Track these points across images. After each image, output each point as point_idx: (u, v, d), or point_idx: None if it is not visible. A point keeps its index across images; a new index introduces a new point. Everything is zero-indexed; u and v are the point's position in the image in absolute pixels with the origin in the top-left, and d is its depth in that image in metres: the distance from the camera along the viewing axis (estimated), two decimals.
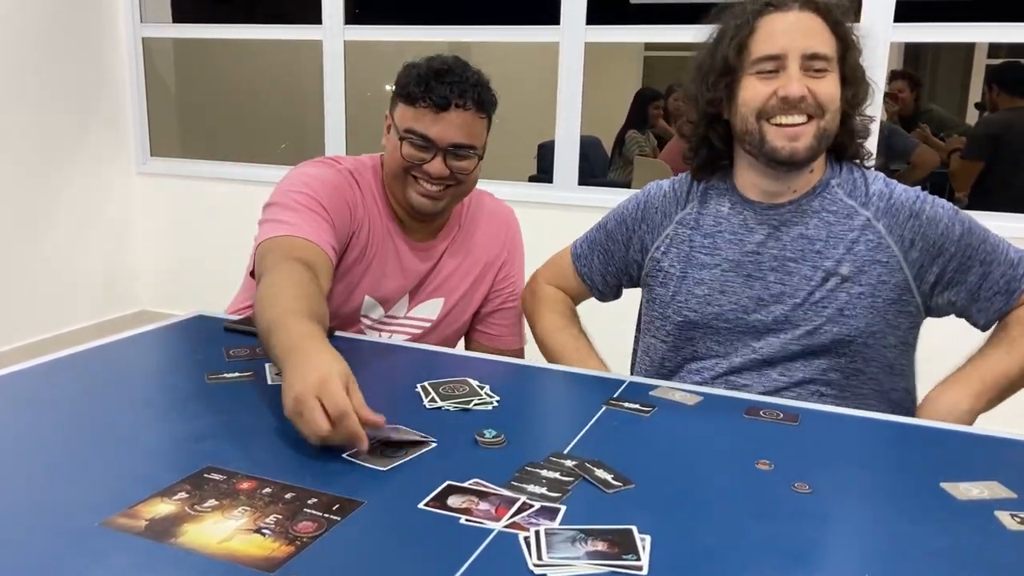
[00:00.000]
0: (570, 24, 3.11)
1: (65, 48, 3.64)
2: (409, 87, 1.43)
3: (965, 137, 4.21)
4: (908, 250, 1.28)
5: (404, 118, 1.45)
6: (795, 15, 1.27)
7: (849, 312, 1.28)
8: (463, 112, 1.43)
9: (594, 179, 3.76)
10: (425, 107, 1.42)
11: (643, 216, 1.46)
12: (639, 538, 0.79)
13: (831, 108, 1.27)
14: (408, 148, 1.44)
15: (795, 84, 1.24)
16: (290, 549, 0.76)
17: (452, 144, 1.43)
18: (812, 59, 1.25)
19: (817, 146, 1.28)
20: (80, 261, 3.79)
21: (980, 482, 0.93)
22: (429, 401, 1.13)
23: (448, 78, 1.42)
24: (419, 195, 1.46)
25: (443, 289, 1.59)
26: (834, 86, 1.27)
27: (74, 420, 1.06)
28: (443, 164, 1.43)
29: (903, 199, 1.30)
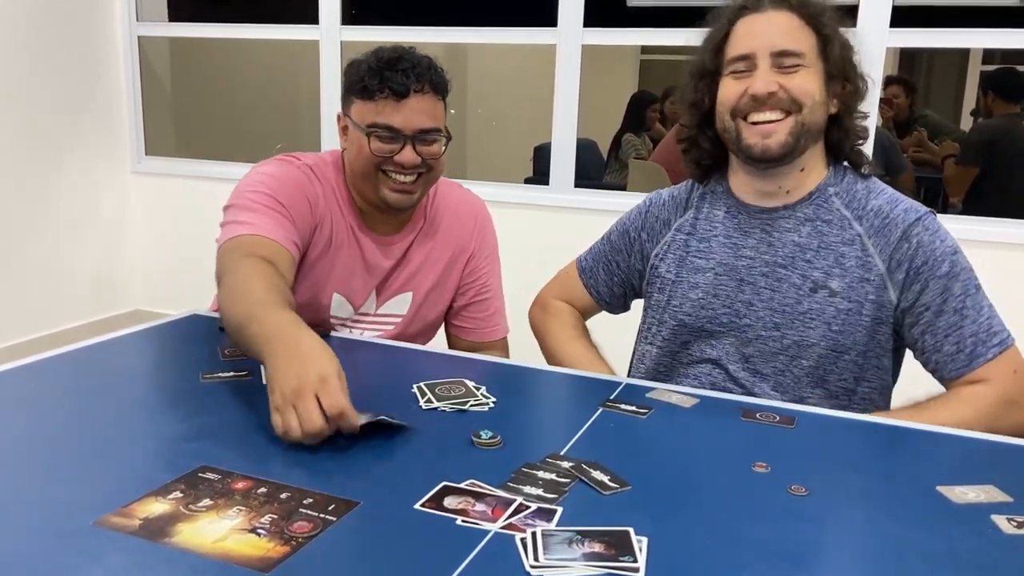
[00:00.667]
0: (567, 26, 3.11)
1: (61, 46, 3.63)
2: (364, 82, 1.42)
3: (959, 142, 4.23)
4: (894, 271, 1.26)
5: (364, 114, 1.43)
6: (767, 15, 1.29)
7: (836, 327, 1.27)
8: (423, 96, 1.42)
9: (590, 182, 3.76)
10: (384, 98, 1.41)
11: (644, 224, 1.47)
12: (636, 540, 0.79)
13: (807, 102, 1.26)
14: (376, 142, 1.42)
15: (760, 81, 1.26)
16: (285, 549, 0.76)
17: (419, 130, 1.42)
18: (781, 56, 1.26)
19: (794, 142, 1.27)
20: (74, 260, 3.78)
21: (976, 486, 0.93)
22: (425, 402, 1.13)
23: (401, 65, 1.41)
24: (393, 191, 1.45)
25: (411, 284, 1.58)
26: (809, 81, 1.26)
27: (67, 419, 1.06)
28: (413, 152, 1.42)
29: (900, 219, 1.27)
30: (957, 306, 1.24)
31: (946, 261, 1.25)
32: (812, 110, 1.27)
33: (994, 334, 1.24)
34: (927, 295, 1.25)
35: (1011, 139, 3.73)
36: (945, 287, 1.24)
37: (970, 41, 2.82)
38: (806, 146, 1.29)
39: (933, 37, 2.81)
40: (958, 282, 1.25)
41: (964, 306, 1.24)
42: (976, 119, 5.16)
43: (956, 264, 1.25)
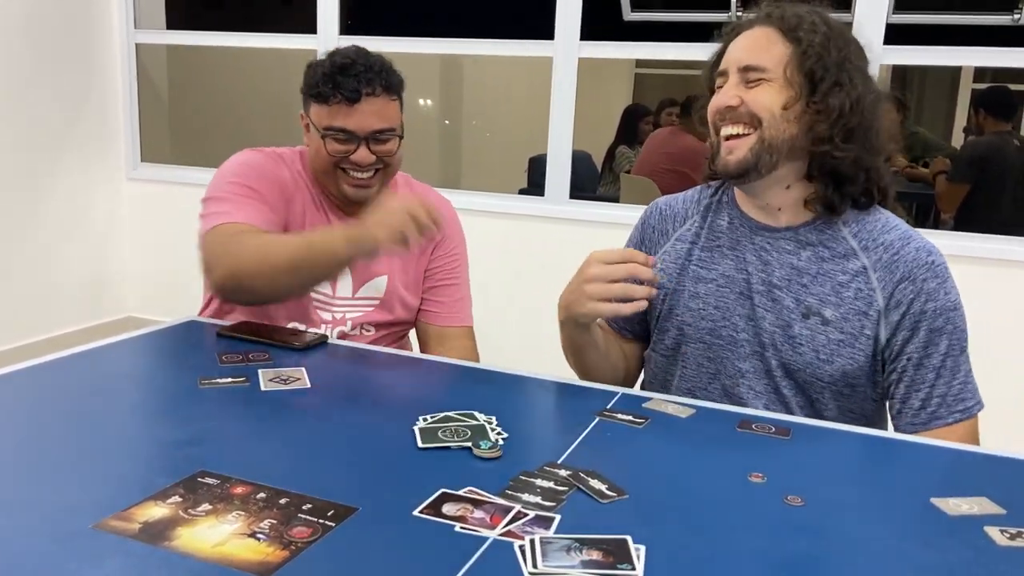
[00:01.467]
0: (564, 39, 3.13)
1: (58, 53, 3.63)
2: (319, 87, 1.49)
3: (950, 159, 4.26)
4: (891, 310, 1.24)
5: (320, 117, 1.51)
6: (749, 31, 1.28)
7: (825, 357, 1.26)
8: (375, 99, 1.50)
9: (584, 194, 3.78)
10: (338, 102, 1.48)
11: (643, 239, 1.46)
12: (634, 548, 0.79)
13: (765, 116, 1.23)
14: (332, 144, 1.50)
15: (722, 95, 1.26)
16: (284, 554, 0.76)
17: (372, 131, 1.50)
18: (746, 71, 1.25)
19: (753, 159, 1.24)
20: (67, 266, 3.77)
21: (970, 498, 0.94)
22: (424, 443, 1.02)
23: (353, 70, 1.48)
24: (352, 187, 1.54)
25: (385, 267, 1.62)
26: (768, 95, 1.23)
27: (66, 423, 1.06)
28: (368, 151, 1.50)
29: (908, 258, 1.24)
30: (936, 364, 1.23)
31: (942, 316, 1.23)
32: (773, 124, 1.23)
33: (960, 400, 1.23)
34: (912, 344, 1.24)
35: (1002, 156, 3.77)
36: (932, 341, 1.23)
37: (962, 59, 2.86)
38: (774, 163, 1.25)
39: (926, 55, 2.84)
40: (945, 339, 1.23)
41: (943, 366, 1.23)
42: (967, 136, 5.21)
43: (950, 321, 1.23)
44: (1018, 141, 3.84)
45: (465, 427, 1.07)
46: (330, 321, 1.59)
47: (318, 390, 1.20)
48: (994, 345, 2.46)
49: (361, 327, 1.62)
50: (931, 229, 3.60)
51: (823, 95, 1.22)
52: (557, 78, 3.17)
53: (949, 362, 1.23)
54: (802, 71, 1.23)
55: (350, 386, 1.28)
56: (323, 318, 1.59)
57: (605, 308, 1.23)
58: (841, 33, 1.26)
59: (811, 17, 1.26)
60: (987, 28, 3.14)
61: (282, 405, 1.14)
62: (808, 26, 1.24)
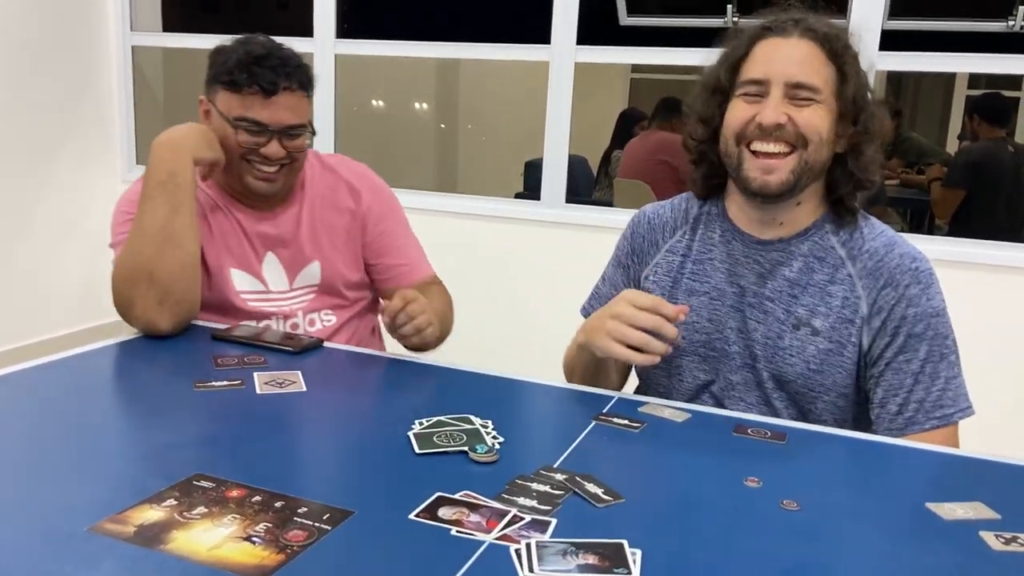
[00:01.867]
0: (561, 43, 3.14)
1: (55, 55, 3.63)
2: (232, 74, 1.46)
3: (945, 165, 4.28)
4: (873, 316, 1.24)
5: (231, 106, 1.48)
6: (791, 42, 1.24)
7: (816, 367, 1.25)
8: (291, 94, 1.48)
9: (580, 198, 3.79)
10: (252, 93, 1.45)
11: (632, 249, 1.44)
12: (630, 552, 0.79)
13: (814, 139, 1.21)
14: (243, 135, 1.48)
15: (770, 111, 1.21)
16: (280, 558, 0.76)
17: (286, 126, 1.49)
18: (796, 88, 1.21)
19: (794, 181, 1.23)
20: (62, 268, 3.76)
21: (965, 503, 0.94)
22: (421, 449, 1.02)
23: (270, 62, 1.46)
24: (257, 180, 1.52)
25: (313, 251, 1.61)
26: (819, 117, 1.22)
27: (60, 426, 1.05)
28: (279, 145, 1.49)
29: (892, 265, 1.24)
30: (915, 369, 1.22)
31: (923, 322, 1.22)
32: (818, 148, 1.22)
33: (939, 407, 1.21)
34: (890, 349, 1.23)
35: (997, 162, 3.79)
36: (911, 346, 1.22)
37: (957, 65, 2.87)
38: (807, 184, 1.25)
39: (921, 61, 2.86)
40: (925, 345, 1.22)
41: (922, 372, 1.22)
42: (962, 142, 5.23)
43: (931, 327, 1.22)
44: (1012, 147, 3.86)
45: (461, 431, 1.07)
46: (276, 313, 1.59)
47: (313, 393, 1.20)
48: (988, 350, 2.46)
49: (319, 316, 1.62)
50: (925, 235, 3.62)
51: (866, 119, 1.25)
52: (553, 82, 3.18)
53: (928, 368, 1.22)
54: (843, 97, 1.23)
55: (346, 389, 1.28)
56: (268, 311, 1.58)
57: (619, 351, 1.19)
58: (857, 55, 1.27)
59: (846, 38, 1.26)
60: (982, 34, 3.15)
61: (277, 408, 1.14)
62: (843, 46, 1.24)
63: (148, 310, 1.41)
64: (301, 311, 1.61)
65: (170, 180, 1.43)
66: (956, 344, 1.25)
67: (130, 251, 1.43)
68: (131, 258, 1.42)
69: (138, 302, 1.41)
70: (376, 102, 6.02)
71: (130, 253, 1.43)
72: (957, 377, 1.24)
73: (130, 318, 1.43)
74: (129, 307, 1.42)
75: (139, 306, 1.41)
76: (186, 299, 1.45)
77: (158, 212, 1.42)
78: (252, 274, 1.58)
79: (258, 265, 1.59)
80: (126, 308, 1.43)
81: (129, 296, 1.41)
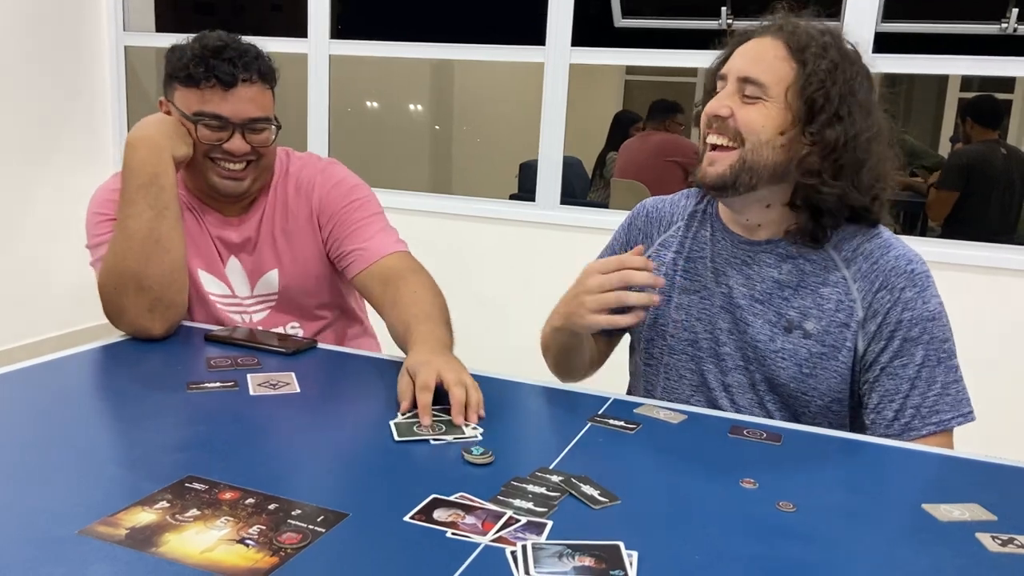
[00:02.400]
0: (556, 45, 3.14)
1: (47, 54, 3.61)
2: (189, 69, 1.41)
3: (938, 168, 4.29)
4: (868, 320, 1.22)
5: (189, 102, 1.43)
6: (757, 40, 1.24)
7: (808, 370, 1.24)
8: (251, 86, 1.43)
9: (575, 199, 3.79)
10: (211, 87, 1.41)
11: (628, 240, 1.44)
12: (626, 554, 0.79)
13: (750, 138, 1.19)
14: (204, 131, 1.43)
15: (714, 101, 1.22)
16: (274, 560, 0.75)
17: (248, 119, 1.44)
18: (744, 82, 1.20)
19: (731, 177, 1.21)
20: (55, 269, 3.74)
21: (961, 504, 0.94)
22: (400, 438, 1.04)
23: (228, 54, 1.41)
24: (223, 179, 1.47)
25: (272, 260, 1.57)
26: (762, 116, 1.19)
27: (51, 428, 1.04)
28: (243, 140, 1.44)
29: (887, 267, 1.22)
30: (911, 374, 1.20)
31: (918, 325, 1.20)
32: (756, 148, 1.19)
33: (935, 412, 1.20)
34: (886, 354, 1.21)
35: (989, 164, 3.80)
36: (907, 351, 1.20)
37: (950, 68, 2.88)
38: (753, 184, 1.21)
39: (914, 63, 2.86)
40: (921, 350, 1.20)
41: (918, 377, 1.20)
42: (954, 144, 5.24)
43: (927, 331, 1.20)
44: (1005, 149, 3.87)
45: (440, 422, 1.08)
46: (241, 322, 1.58)
47: (307, 394, 1.20)
48: (981, 352, 2.47)
49: (285, 328, 1.59)
50: (919, 237, 3.63)
51: (820, 127, 1.18)
52: (548, 84, 3.17)
53: (924, 373, 1.20)
54: (803, 97, 1.19)
55: (340, 390, 1.28)
56: (235, 318, 1.57)
57: (601, 320, 1.20)
58: (852, 61, 1.21)
59: (823, 38, 1.21)
60: (975, 37, 3.16)
61: (271, 410, 1.13)
62: (818, 48, 1.19)
63: (139, 317, 1.40)
64: (259, 322, 1.59)
65: (153, 183, 1.39)
66: (954, 347, 1.23)
67: (116, 258, 1.39)
68: (118, 265, 1.39)
69: (129, 309, 1.39)
70: (370, 103, 6.01)
71: (116, 260, 1.39)
72: (957, 382, 1.22)
73: (121, 325, 1.42)
74: (119, 314, 1.41)
75: (130, 313, 1.40)
76: (176, 303, 1.43)
77: (143, 216, 1.38)
78: (218, 277, 1.57)
79: (223, 269, 1.57)
80: (116, 316, 1.41)
81: (119, 304, 1.40)
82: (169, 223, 1.41)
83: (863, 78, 1.22)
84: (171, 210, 1.41)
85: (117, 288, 1.39)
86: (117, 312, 1.40)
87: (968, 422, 1.22)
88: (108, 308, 1.42)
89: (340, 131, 3.67)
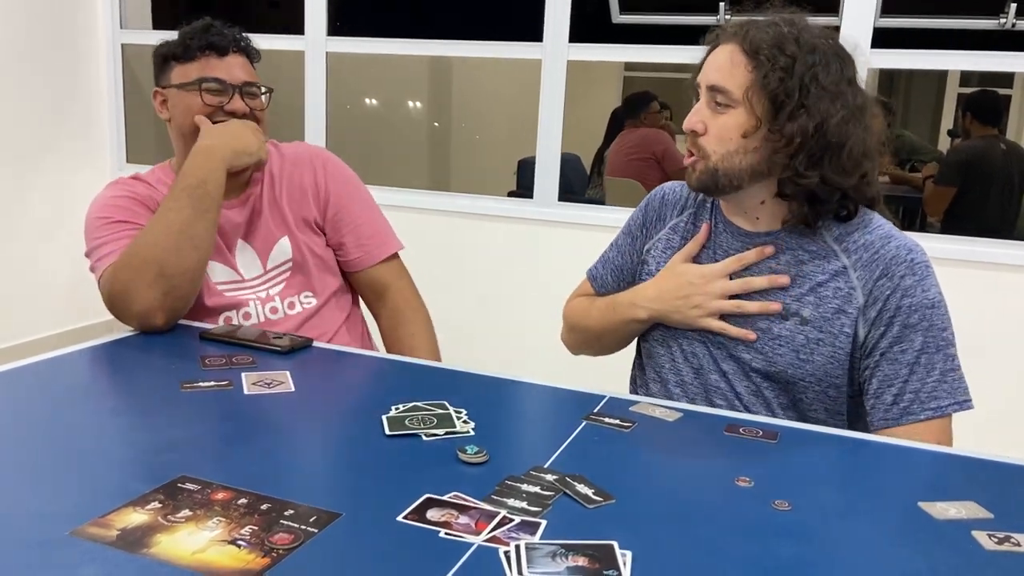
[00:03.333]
0: (553, 41, 3.13)
1: (43, 52, 3.60)
2: (183, 45, 1.54)
3: (937, 163, 4.29)
4: (869, 307, 1.24)
5: (189, 72, 1.55)
6: (721, 48, 1.27)
7: (805, 356, 1.26)
8: (240, 56, 1.58)
9: (573, 196, 3.79)
10: (207, 55, 1.54)
11: (645, 220, 1.48)
12: (620, 553, 0.79)
13: (719, 150, 1.24)
14: (207, 95, 1.53)
15: (692, 116, 1.27)
16: (265, 561, 0.75)
17: (244, 82, 1.56)
18: (712, 91, 1.24)
19: (709, 182, 1.26)
20: (50, 267, 3.74)
21: (957, 502, 0.94)
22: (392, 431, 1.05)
23: (216, 29, 1.56)
24: None
25: (280, 227, 1.63)
26: (727, 128, 1.23)
27: (43, 427, 1.04)
28: (242, 101, 1.56)
29: (887, 256, 1.24)
30: (910, 360, 1.22)
31: (918, 312, 1.22)
32: (724, 157, 1.24)
33: (934, 398, 1.21)
34: (885, 339, 1.23)
35: (988, 160, 3.79)
36: (906, 337, 1.22)
37: (949, 63, 2.87)
38: (736, 186, 1.26)
39: (913, 58, 2.86)
40: (920, 336, 1.22)
41: (917, 362, 1.22)
42: (953, 139, 5.24)
43: (926, 318, 1.22)
44: (1004, 145, 3.87)
45: (432, 416, 1.08)
46: (254, 300, 1.59)
47: (302, 394, 1.19)
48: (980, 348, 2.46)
49: (299, 299, 1.62)
50: (917, 232, 3.62)
51: (783, 122, 1.20)
52: (546, 80, 3.17)
53: (924, 359, 1.22)
54: (765, 95, 1.21)
55: (335, 390, 1.27)
56: (246, 299, 1.58)
57: (714, 324, 1.31)
58: (812, 50, 1.21)
59: (778, 31, 1.21)
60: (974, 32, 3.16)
61: (266, 409, 1.13)
62: (773, 46, 1.20)
63: (150, 301, 1.40)
64: (279, 296, 1.60)
65: (199, 186, 1.46)
66: (954, 337, 1.24)
67: (146, 243, 1.43)
68: (145, 250, 1.42)
69: (142, 293, 1.40)
70: (368, 100, 6.00)
71: (145, 245, 1.42)
72: (955, 370, 1.23)
73: (126, 306, 1.41)
74: (129, 298, 1.40)
75: (141, 298, 1.40)
76: (188, 297, 1.46)
77: (183, 212, 1.44)
78: (227, 264, 1.59)
79: (231, 255, 1.60)
80: (123, 298, 1.41)
81: (133, 287, 1.40)
82: (205, 225, 1.46)
83: (828, 62, 1.22)
84: (211, 214, 1.47)
85: (138, 271, 1.40)
86: (126, 295, 1.41)
87: (965, 410, 1.23)
88: (117, 288, 1.42)
89: (338, 128, 3.66)
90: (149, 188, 1.59)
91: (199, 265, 1.46)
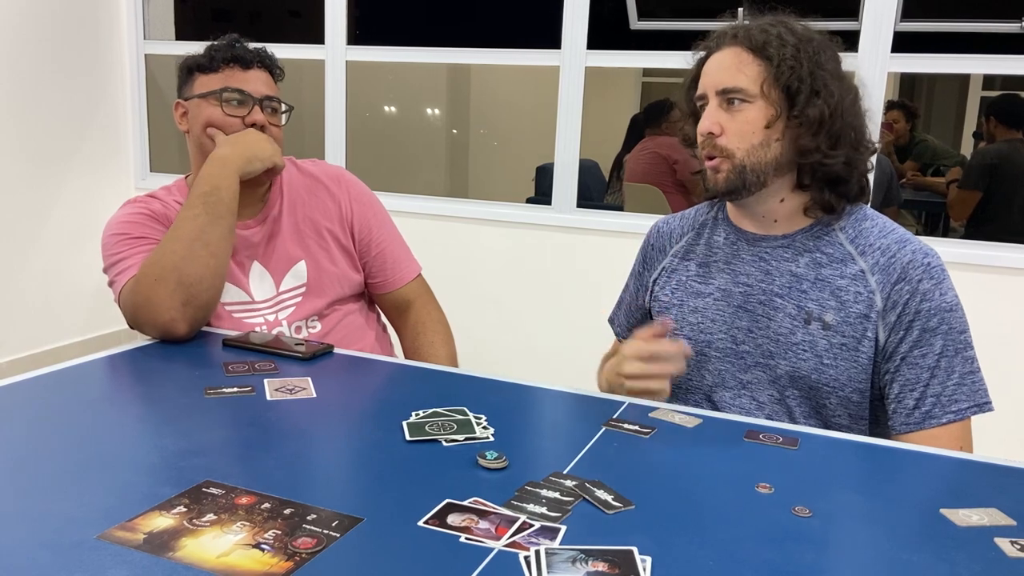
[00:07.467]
0: (571, 48, 3.14)
1: (68, 62, 3.66)
2: (208, 57, 1.58)
3: (960, 167, 4.25)
4: (888, 311, 1.25)
5: (212, 83, 1.57)
6: (721, 53, 1.29)
7: (828, 361, 1.26)
8: (264, 71, 1.61)
9: (592, 203, 3.79)
10: (231, 68, 1.57)
11: (645, 259, 1.50)
12: (640, 559, 0.79)
13: (743, 146, 1.25)
14: (229, 106, 1.56)
15: (704, 120, 1.29)
16: (289, 565, 0.76)
17: (265, 96, 1.60)
18: (725, 93, 1.26)
19: (738, 181, 1.27)
20: (75, 275, 3.79)
21: (980, 509, 0.93)
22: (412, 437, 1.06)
23: (240, 45, 1.59)
24: None
25: (298, 249, 1.64)
26: (748, 122, 1.25)
27: (70, 433, 1.06)
28: (262, 113, 1.58)
29: (904, 260, 1.25)
30: (931, 363, 1.23)
31: (937, 316, 1.23)
32: (748, 153, 1.26)
33: (955, 401, 1.22)
34: (905, 344, 1.24)
35: (1012, 164, 3.76)
36: (926, 340, 1.23)
37: (971, 67, 2.85)
38: (763, 182, 1.28)
39: (934, 63, 2.84)
40: (940, 340, 1.23)
41: (937, 366, 1.23)
42: (977, 142, 5.19)
43: (945, 322, 1.23)
44: None
45: (452, 421, 1.09)
46: (262, 324, 1.59)
47: (324, 399, 1.20)
48: (1002, 353, 2.44)
49: (306, 323, 1.62)
50: (940, 237, 3.59)
51: (802, 107, 1.24)
52: (564, 87, 3.18)
53: (944, 362, 1.23)
54: (779, 87, 1.24)
55: (356, 395, 1.28)
56: (253, 323, 1.59)
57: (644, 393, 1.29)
58: (809, 40, 1.27)
59: (776, 30, 1.26)
60: (996, 35, 3.13)
61: (288, 415, 1.14)
62: (776, 40, 1.25)
63: (171, 310, 1.41)
64: (286, 320, 1.61)
65: (213, 193, 1.48)
66: (971, 340, 1.25)
67: (164, 252, 1.45)
68: (163, 258, 1.44)
69: (164, 302, 1.41)
70: (387, 108, 6.04)
71: (164, 253, 1.44)
72: (975, 373, 1.24)
73: (148, 318, 1.43)
74: (151, 308, 1.42)
75: (163, 307, 1.41)
76: (208, 304, 1.47)
77: (197, 219, 1.46)
78: (237, 285, 1.59)
79: (243, 276, 1.60)
80: (146, 310, 1.42)
81: (154, 296, 1.41)
82: (220, 231, 1.47)
83: (824, 49, 1.27)
84: (225, 220, 1.48)
85: (159, 279, 1.42)
86: (148, 306, 1.42)
87: (985, 412, 1.24)
88: (138, 300, 1.43)
89: (357, 136, 3.69)
90: (164, 206, 1.60)
91: (217, 271, 1.47)
